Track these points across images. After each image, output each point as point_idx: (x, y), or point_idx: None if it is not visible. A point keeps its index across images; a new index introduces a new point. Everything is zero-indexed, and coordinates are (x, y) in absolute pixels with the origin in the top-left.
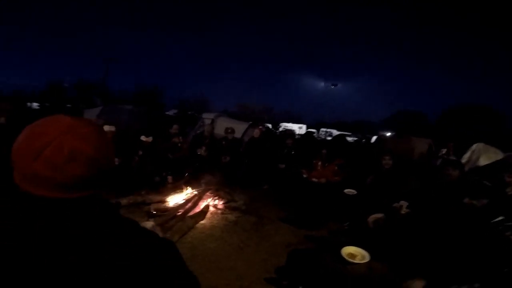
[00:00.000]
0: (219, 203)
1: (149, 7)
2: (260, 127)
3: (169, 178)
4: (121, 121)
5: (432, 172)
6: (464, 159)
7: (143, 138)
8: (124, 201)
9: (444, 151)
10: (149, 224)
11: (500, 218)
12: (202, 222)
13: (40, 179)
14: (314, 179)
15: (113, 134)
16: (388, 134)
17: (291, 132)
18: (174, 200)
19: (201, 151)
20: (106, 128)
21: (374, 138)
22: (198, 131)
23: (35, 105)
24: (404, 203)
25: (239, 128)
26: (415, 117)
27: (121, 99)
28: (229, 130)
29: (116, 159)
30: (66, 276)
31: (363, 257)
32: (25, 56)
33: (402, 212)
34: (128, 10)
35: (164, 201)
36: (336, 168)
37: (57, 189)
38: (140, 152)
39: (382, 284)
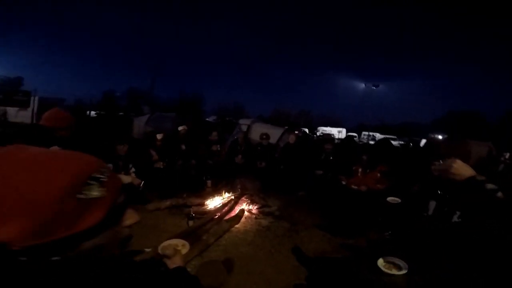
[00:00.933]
0: (254, 208)
1: (189, 19)
2: (296, 132)
3: (208, 183)
4: (165, 128)
5: (493, 179)
6: None
7: (180, 128)
8: (166, 203)
9: (507, 155)
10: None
11: None
12: (236, 226)
13: None
14: (353, 186)
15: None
16: (440, 137)
17: (329, 137)
18: (212, 203)
19: (238, 159)
20: (159, 136)
21: (423, 141)
22: (235, 137)
23: (93, 113)
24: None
25: (274, 133)
26: (472, 117)
27: (166, 107)
28: (264, 136)
29: (161, 163)
30: None
31: (400, 269)
32: (84, 68)
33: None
34: (171, 23)
35: (203, 204)
36: (378, 175)
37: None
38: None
39: None
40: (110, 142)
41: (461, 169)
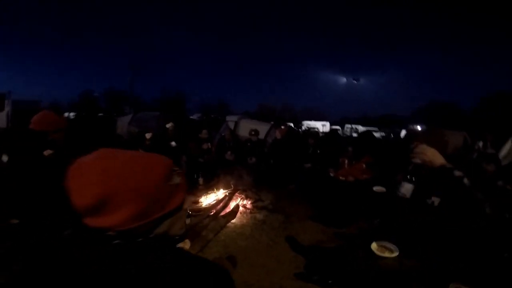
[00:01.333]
0: (248, 203)
1: (169, 14)
2: (283, 127)
3: (200, 180)
4: (150, 127)
5: (468, 167)
6: (503, 152)
7: (168, 125)
8: None
9: (480, 144)
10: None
11: None
12: (233, 221)
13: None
14: (341, 178)
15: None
16: (419, 127)
17: (313, 132)
18: (207, 201)
19: (228, 156)
20: (148, 135)
21: (403, 132)
22: (223, 134)
23: (71, 115)
24: (436, 199)
25: (262, 129)
26: (448, 108)
27: (149, 106)
28: (253, 132)
29: None
30: None
31: (392, 252)
32: (59, 68)
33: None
34: (150, 20)
35: (197, 202)
36: (364, 166)
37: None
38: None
39: (412, 277)
40: (105, 144)
41: (433, 156)
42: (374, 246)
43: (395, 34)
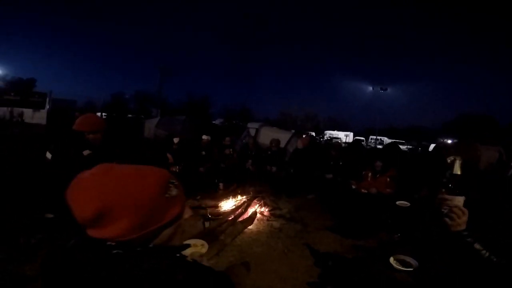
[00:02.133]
0: (265, 210)
1: (197, 20)
2: (304, 136)
3: (221, 185)
4: (175, 130)
5: (503, 184)
6: None
7: (204, 137)
8: None
9: None
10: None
11: None
12: (250, 227)
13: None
14: (363, 190)
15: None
16: (449, 141)
17: (336, 143)
18: (226, 205)
19: (248, 165)
20: (176, 140)
21: (432, 146)
22: (244, 141)
23: (103, 115)
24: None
25: (282, 137)
26: (482, 121)
27: (174, 109)
28: (274, 144)
29: (176, 167)
30: None
31: (411, 266)
32: (94, 69)
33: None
34: (180, 26)
35: (217, 206)
36: (388, 180)
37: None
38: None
39: None
40: (137, 147)
41: (458, 219)
42: (392, 259)
43: (425, 43)
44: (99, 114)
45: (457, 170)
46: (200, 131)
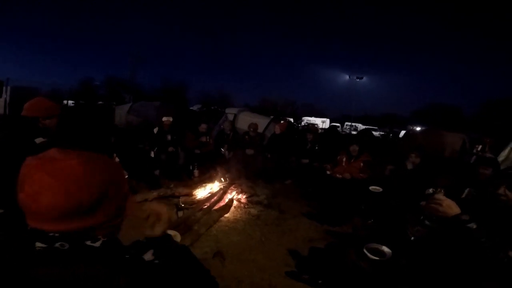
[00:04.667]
0: (242, 197)
1: (173, 4)
2: (282, 121)
3: (196, 172)
4: (149, 116)
5: (465, 170)
6: (501, 157)
7: (164, 119)
8: (154, 193)
9: (479, 147)
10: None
11: None
12: (226, 215)
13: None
14: (338, 175)
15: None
16: (418, 128)
17: (312, 127)
18: (201, 193)
19: (224, 151)
20: (165, 119)
21: (402, 132)
22: (222, 126)
23: (70, 102)
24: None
25: (261, 123)
26: (448, 110)
27: (149, 96)
28: (252, 128)
29: (152, 152)
30: None
31: (385, 254)
32: (59, 55)
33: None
34: (153, 8)
35: (191, 195)
36: (362, 164)
37: (45, 220)
38: (172, 148)
39: (404, 281)
40: (99, 133)
41: (448, 208)
42: (366, 247)
43: (399, 35)
44: (65, 101)
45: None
46: (176, 117)
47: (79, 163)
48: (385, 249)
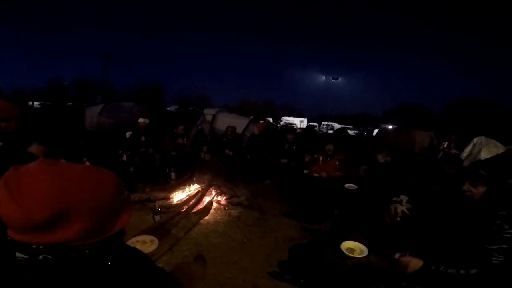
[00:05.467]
0: (222, 199)
1: (148, 4)
2: (262, 122)
3: (173, 175)
4: (121, 118)
5: (433, 166)
6: (465, 153)
7: (140, 120)
8: None
9: (445, 144)
10: None
11: (503, 213)
12: (206, 218)
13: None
14: (315, 174)
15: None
16: (390, 127)
17: (290, 127)
18: (178, 196)
19: (203, 154)
20: (141, 120)
21: (376, 131)
22: (199, 127)
23: (36, 104)
24: (404, 197)
25: (240, 123)
26: (417, 110)
27: (123, 97)
28: (230, 131)
29: (125, 156)
30: None
31: (361, 252)
32: (25, 55)
33: (403, 205)
34: (127, 7)
35: (168, 198)
36: (337, 163)
37: (14, 230)
38: (143, 149)
39: (380, 277)
40: (66, 136)
41: (415, 266)
42: (343, 246)
43: (372, 37)
44: (30, 103)
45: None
46: (151, 118)
47: (42, 178)
48: (362, 247)
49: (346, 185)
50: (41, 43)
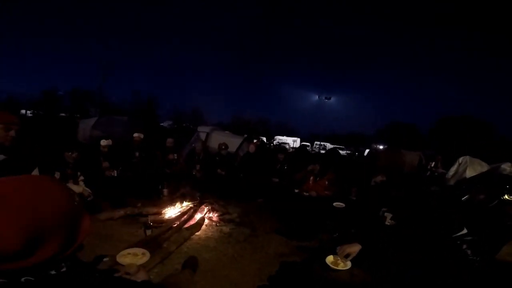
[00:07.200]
0: (214, 216)
1: (145, 19)
2: (255, 141)
3: (165, 191)
4: (115, 133)
5: (418, 184)
6: (451, 172)
7: (135, 135)
8: (120, 212)
9: (432, 164)
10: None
11: (464, 231)
12: (197, 233)
13: None
14: (305, 193)
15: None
16: (381, 147)
17: (282, 147)
18: (170, 212)
19: (196, 171)
20: (103, 142)
21: (367, 151)
22: (193, 145)
23: (28, 113)
24: (388, 215)
25: (234, 142)
26: (407, 129)
27: (117, 109)
28: (223, 147)
29: (114, 171)
30: None
31: (345, 265)
32: (19, 63)
33: (387, 223)
34: (124, 22)
35: (160, 213)
36: (327, 182)
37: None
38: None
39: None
40: (56, 148)
41: (350, 249)
42: (329, 259)
43: (366, 58)
44: (23, 111)
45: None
46: (145, 133)
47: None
48: (346, 261)
49: (335, 204)
50: (36, 52)
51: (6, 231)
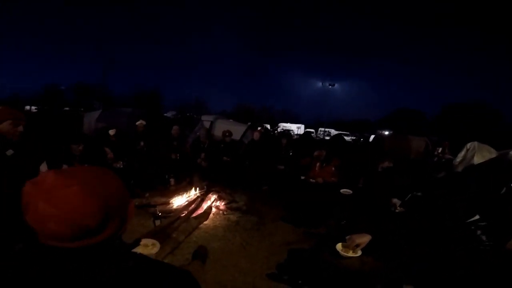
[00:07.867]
0: (221, 204)
1: (147, 10)
2: (259, 128)
3: (172, 181)
4: (120, 124)
5: (424, 171)
6: (459, 158)
7: (138, 122)
8: None
9: (439, 149)
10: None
11: (476, 217)
12: (205, 222)
13: (39, 232)
14: (311, 180)
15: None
16: (386, 132)
17: (286, 133)
18: (178, 202)
19: (200, 161)
20: (112, 132)
21: (372, 137)
22: (198, 134)
23: (33, 108)
24: (396, 201)
25: (238, 130)
26: (413, 115)
27: (121, 102)
28: (227, 134)
29: (120, 162)
30: None
31: (356, 252)
32: (23, 59)
33: (396, 210)
34: (126, 13)
35: (168, 203)
36: (333, 169)
37: (57, 240)
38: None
39: (373, 276)
40: (63, 141)
41: (360, 239)
42: (339, 246)
43: (369, 44)
44: (27, 107)
45: None
46: (149, 123)
47: (78, 191)
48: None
49: (342, 190)
50: (39, 48)
51: (91, 209)
